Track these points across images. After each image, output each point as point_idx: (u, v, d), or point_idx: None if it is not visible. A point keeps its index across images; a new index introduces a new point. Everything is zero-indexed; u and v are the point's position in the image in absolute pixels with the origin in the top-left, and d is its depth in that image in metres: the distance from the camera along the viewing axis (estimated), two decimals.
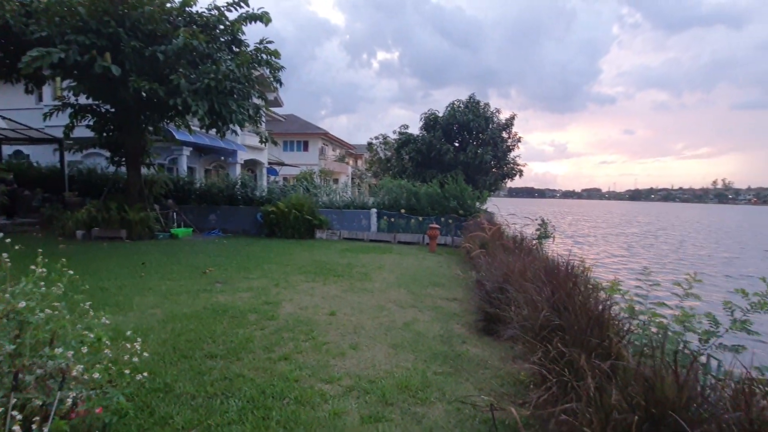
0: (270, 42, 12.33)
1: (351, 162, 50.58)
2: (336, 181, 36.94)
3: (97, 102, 12.81)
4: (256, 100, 13.83)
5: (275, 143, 14.27)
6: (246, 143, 22.46)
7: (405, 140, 20.56)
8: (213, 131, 12.90)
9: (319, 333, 4.80)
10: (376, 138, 31.21)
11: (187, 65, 11.00)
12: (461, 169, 18.11)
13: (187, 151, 18.70)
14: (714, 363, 2.78)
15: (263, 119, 22.48)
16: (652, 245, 22.77)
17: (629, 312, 3.18)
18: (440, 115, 20.26)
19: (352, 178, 44.01)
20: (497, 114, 20.22)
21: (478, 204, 14.55)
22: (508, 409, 2.92)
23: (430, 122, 20.00)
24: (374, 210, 15.26)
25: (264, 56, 12.39)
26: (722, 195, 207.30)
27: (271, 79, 13.41)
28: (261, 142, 13.23)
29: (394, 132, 23.54)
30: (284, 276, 7.96)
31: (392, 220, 15.08)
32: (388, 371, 3.85)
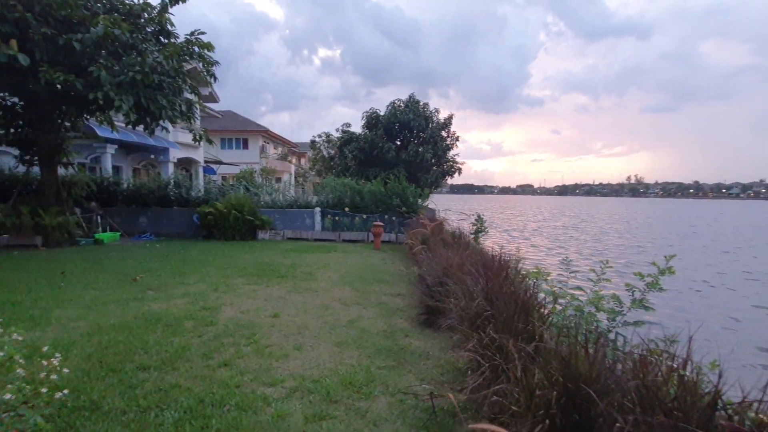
0: (202, 33, 11.73)
1: (294, 160, 49.51)
2: (279, 180, 35.98)
3: (2, 94, 11.44)
4: (189, 95, 13.10)
5: (210, 142, 13.62)
6: (179, 140, 21.16)
7: (348, 138, 20.53)
8: (141, 128, 12.02)
9: (261, 336, 4.71)
10: (319, 136, 30.84)
11: (108, 56, 10.15)
12: (403, 167, 18.49)
13: (111, 149, 17.24)
14: (639, 338, 3.14)
15: (197, 115, 21.31)
16: (575, 238, 24.73)
17: (552, 297, 3.48)
18: (382, 113, 20.51)
19: (296, 177, 43.13)
20: (436, 114, 20.91)
21: (420, 201, 14.94)
22: (447, 395, 3.07)
23: (372, 121, 20.17)
24: (318, 209, 15.12)
25: (196, 49, 11.77)
26: (635, 189, 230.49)
27: (205, 73, 12.76)
28: (194, 140, 12.55)
29: (337, 130, 23.45)
30: (224, 279, 7.66)
31: (336, 218, 15.04)
32: (332, 369, 3.88)
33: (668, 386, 1.95)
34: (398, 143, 20.23)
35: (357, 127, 22.17)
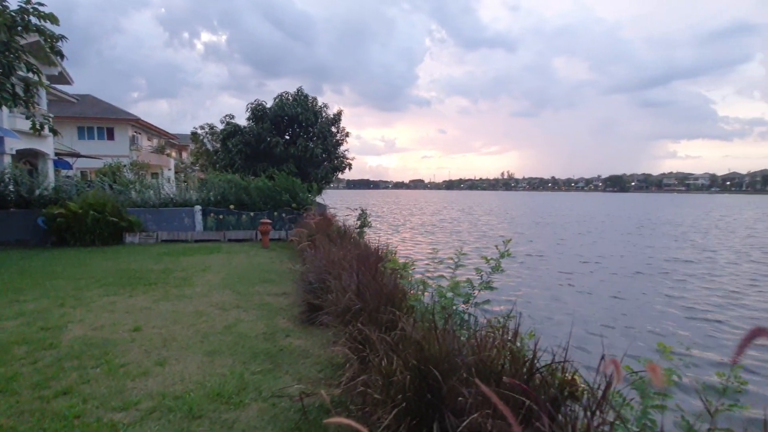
0: (41, 4, 9.80)
1: (174, 154, 44.70)
2: (156, 175, 32.14)
3: None
4: (26, 75, 10.85)
5: (55, 132, 11.53)
6: (17, 128, 17.49)
7: (231, 131, 19.10)
8: None
9: (116, 354, 4.14)
10: (202, 128, 28.18)
11: None
12: (293, 163, 17.95)
13: None
14: (495, 316, 3.50)
15: (41, 99, 17.88)
16: (455, 232, 27.00)
17: (422, 286, 3.69)
18: (268, 105, 19.55)
19: (176, 172, 39.01)
20: (326, 109, 20.70)
21: (310, 196, 14.72)
22: (320, 393, 3.06)
23: (258, 113, 19.09)
24: (199, 207, 13.92)
25: (34, 20, 9.80)
26: (508, 183, 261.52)
27: (48, 49, 10.71)
28: (34, 129, 10.44)
29: (222, 122, 21.74)
30: (75, 292, 6.58)
31: (221, 217, 14.03)
32: (199, 382, 3.58)
33: (501, 358, 2.20)
34: (287, 138, 19.55)
35: (243, 120, 20.90)
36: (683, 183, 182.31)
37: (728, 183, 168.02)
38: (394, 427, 2.30)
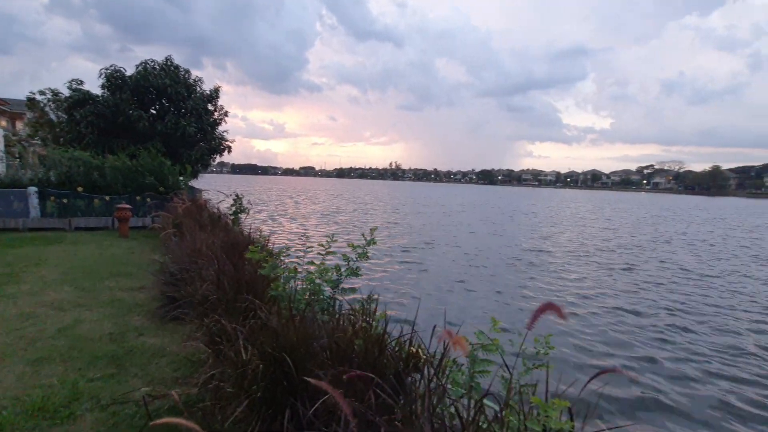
0: None
1: (4, 123, 36.04)
2: None
3: None
4: None
5: None
6: None
7: (80, 99, 15.93)
8: None
9: None
10: (42, 93, 22.99)
11: None
12: (160, 141, 15.82)
13: None
14: (361, 301, 3.58)
15: None
16: (339, 223, 27.38)
17: (293, 273, 3.61)
18: (129, 74, 16.80)
19: (8, 146, 31.58)
20: (201, 83, 18.65)
21: (182, 180, 13.31)
22: (171, 394, 2.79)
23: (116, 81, 16.25)
24: (34, 189, 11.54)
25: None
26: (395, 173, 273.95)
27: None
28: None
29: (70, 88, 18.08)
30: None
31: (65, 201, 11.85)
32: (16, 397, 2.98)
33: (357, 339, 2.26)
34: (153, 112, 17.14)
35: (96, 88, 17.67)
36: (537, 179, 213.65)
37: (569, 180, 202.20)
38: (250, 420, 2.22)
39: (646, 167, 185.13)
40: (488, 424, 1.65)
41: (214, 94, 19.16)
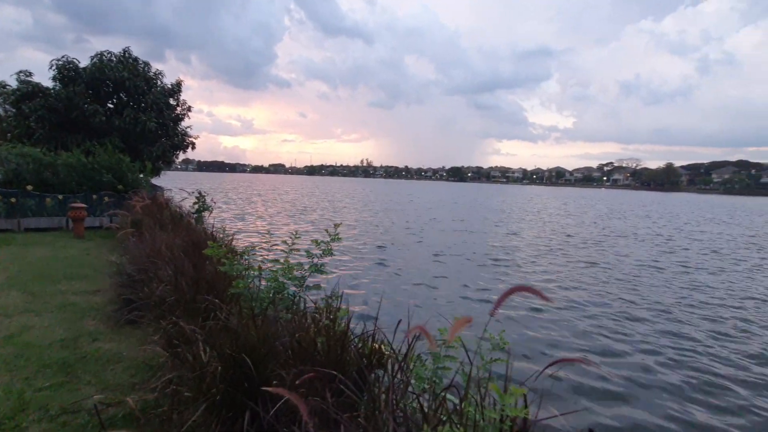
0: None
1: None
2: None
3: None
4: None
5: None
6: None
7: (29, 92, 14.90)
8: None
9: None
10: None
11: None
12: (118, 137, 15.03)
13: None
14: (323, 299, 3.54)
15: None
16: (309, 221, 27.12)
17: (255, 271, 3.52)
18: (83, 65, 15.87)
19: None
20: (161, 77, 17.86)
21: (143, 178, 12.75)
22: (126, 399, 2.68)
23: (68, 73, 15.27)
24: None
25: None
26: (367, 171, 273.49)
27: None
28: None
29: (17, 80, 16.91)
30: None
31: (12, 200, 11.11)
32: None
33: (320, 337, 2.24)
34: (110, 107, 16.26)
35: (47, 80, 16.60)
36: (504, 176, 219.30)
37: (534, 176, 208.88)
38: (209, 423, 2.15)
39: (606, 165, 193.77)
40: (448, 416, 1.67)
41: (176, 88, 18.41)
